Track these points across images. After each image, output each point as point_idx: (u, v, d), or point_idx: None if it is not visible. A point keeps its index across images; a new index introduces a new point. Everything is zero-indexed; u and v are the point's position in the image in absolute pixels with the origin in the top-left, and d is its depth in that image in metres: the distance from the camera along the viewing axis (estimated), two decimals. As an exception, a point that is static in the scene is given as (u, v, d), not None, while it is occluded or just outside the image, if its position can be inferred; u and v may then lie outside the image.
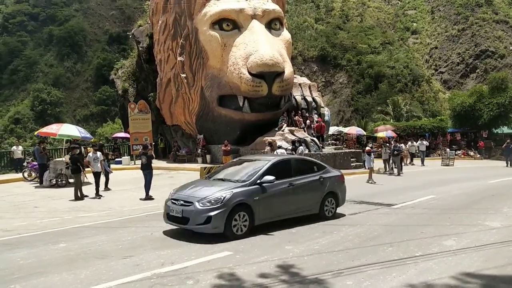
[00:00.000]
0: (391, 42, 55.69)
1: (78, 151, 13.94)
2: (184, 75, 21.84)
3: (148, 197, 12.44)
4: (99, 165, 13.43)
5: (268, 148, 16.81)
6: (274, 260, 6.23)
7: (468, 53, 51.94)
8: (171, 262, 6.22)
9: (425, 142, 27.23)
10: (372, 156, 16.57)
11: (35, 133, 19.54)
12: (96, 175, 13.32)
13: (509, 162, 24.68)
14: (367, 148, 17.14)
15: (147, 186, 12.61)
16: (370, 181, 15.39)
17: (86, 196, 12.95)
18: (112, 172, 16.06)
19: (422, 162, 25.20)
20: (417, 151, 26.70)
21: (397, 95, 43.78)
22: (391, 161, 19.42)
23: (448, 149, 29.10)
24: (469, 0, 56.61)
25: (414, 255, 6.45)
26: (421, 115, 40.49)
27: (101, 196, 13.04)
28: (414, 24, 60.23)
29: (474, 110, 33.24)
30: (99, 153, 13.84)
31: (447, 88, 51.48)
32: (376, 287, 5.13)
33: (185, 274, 5.64)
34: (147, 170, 12.70)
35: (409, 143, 26.18)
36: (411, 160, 25.39)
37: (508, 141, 25.89)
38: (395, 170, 19.06)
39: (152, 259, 6.42)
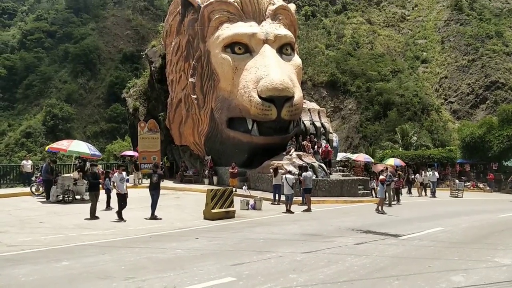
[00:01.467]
0: (401, 70, 56.02)
1: (97, 168, 14.20)
2: (194, 96, 22.07)
3: (154, 217, 12.40)
4: (124, 186, 12.57)
5: (273, 172, 16.76)
6: (277, 289, 6.13)
7: (478, 83, 51.99)
8: (173, 286, 6.15)
9: (436, 173, 25.73)
10: (385, 186, 16.09)
11: (46, 148, 19.74)
12: (121, 197, 12.35)
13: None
14: (381, 177, 16.54)
15: (153, 206, 12.56)
16: (379, 211, 14.99)
17: (97, 218, 12.36)
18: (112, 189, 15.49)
19: (433, 194, 23.78)
20: (428, 181, 25.23)
21: (406, 123, 43.71)
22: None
23: (457, 181, 28.71)
24: (479, 31, 57.05)
25: None
26: (430, 145, 40.27)
27: (124, 220, 12.11)
28: (424, 53, 60.66)
29: (484, 142, 32.99)
30: (124, 173, 13.35)
31: (457, 118, 51.34)
32: None
33: (187, 300, 5.57)
34: (155, 190, 12.68)
35: (424, 172, 25.21)
36: (424, 190, 24.46)
37: None
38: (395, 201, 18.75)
39: (154, 281, 6.36)
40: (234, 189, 15.65)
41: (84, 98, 77.14)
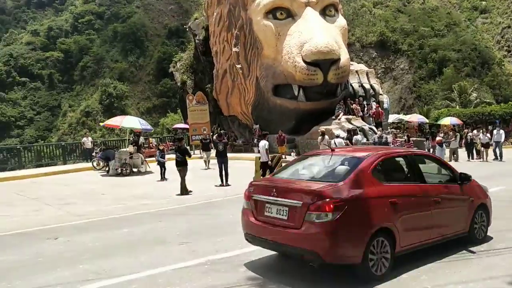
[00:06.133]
0: (457, 24, 52.14)
1: (183, 142, 13.66)
2: (239, 66, 22.06)
3: (227, 184, 12.95)
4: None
5: (320, 137, 16.53)
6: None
7: (547, 31, 47.41)
8: (225, 249, 6.39)
9: (502, 131, 20.19)
10: (444, 147, 15.19)
11: (101, 124, 20.91)
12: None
13: None
14: (438, 138, 15.55)
15: (226, 174, 13.03)
16: None
17: (191, 191, 11.96)
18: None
19: (499, 156, 19.17)
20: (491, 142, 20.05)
21: (464, 80, 41.04)
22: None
23: (522, 137, 26.84)
24: (548, -27, 51.51)
25: (479, 250, 6.08)
26: (492, 101, 37.69)
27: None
28: (484, 2, 55.93)
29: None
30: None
31: (522, 70, 47.44)
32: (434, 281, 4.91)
33: (238, 262, 5.77)
34: (224, 158, 13.12)
35: (475, 132, 20.62)
36: (486, 153, 19.53)
37: None
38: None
39: (207, 246, 6.64)
40: (283, 156, 15.71)
41: (135, 76, 79.72)
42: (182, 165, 11.94)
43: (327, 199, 4.60)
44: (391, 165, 5.72)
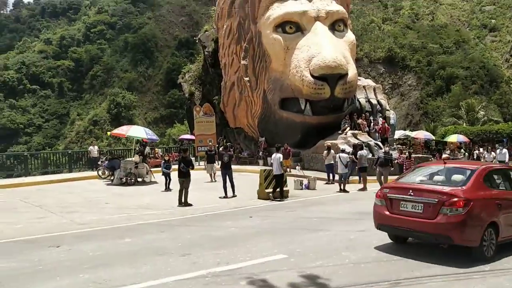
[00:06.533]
0: (466, 41, 52.19)
1: (188, 153, 13.62)
2: (247, 79, 22.17)
3: (234, 195, 13.02)
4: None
5: (325, 152, 16.50)
6: (329, 266, 6.12)
7: (556, 50, 47.26)
8: (227, 262, 6.34)
9: (505, 150, 20.23)
10: None
11: (108, 133, 21.06)
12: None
13: None
14: (445, 155, 15.26)
15: (232, 184, 13.10)
16: None
17: (191, 205, 11.66)
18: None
19: None
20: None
21: (472, 97, 40.88)
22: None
23: (529, 156, 26.52)
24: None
25: (483, 270, 5.99)
26: (499, 119, 37.45)
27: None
28: (493, 20, 55.98)
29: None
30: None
31: (531, 89, 47.18)
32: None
33: (239, 275, 5.72)
34: (229, 170, 13.17)
35: (491, 150, 20.15)
36: None
37: None
38: None
39: (209, 258, 6.60)
40: (287, 169, 15.66)
41: (144, 86, 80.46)
42: (185, 176, 11.91)
43: (459, 198, 6.24)
44: (494, 176, 7.28)
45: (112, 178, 17.24)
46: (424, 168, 7.98)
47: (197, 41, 32.89)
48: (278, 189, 12.77)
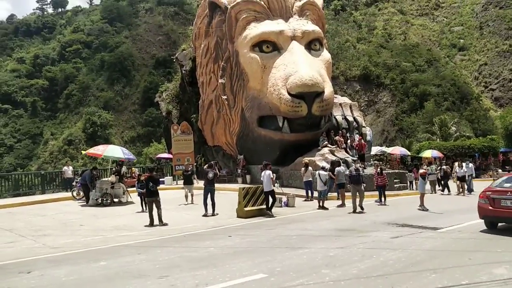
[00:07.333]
0: (437, 60, 54.05)
1: (157, 172, 13.58)
2: (225, 97, 22.22)
3: (213, 214, 12.99)
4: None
5: (303, 169, 16.58)
6: (309, 284, 6.06)
7: (521, 68, 49.36)
8: (206, 283, 6.21)
9: (471, 165, 20.73)
10: (427, 179, 15.30)
11: (83, 152, 20.59)
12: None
13: None
14: (422, 170, 15.60)
15: (213, 202, 13.09)
16: (421, 208, 13.79)
17: (166, 224, 11.60)
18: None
19: (468, 189, 19.24)
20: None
21: (444, 114, 42.13)
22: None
23: (500, 170, 27.40)
24: (521, 14, 54.16)
25: (460, 283, 6.05)
26: (471, 135, 38.61)
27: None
28: (462, 40, 58.25)
29: (529, 129, 31.29)
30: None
31: (499, 105, 48.98)
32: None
33: (218, 296, 5.60)
34: (212, 187, 13.24)
35: (461, 164, 19.79)
36: (462, 186, 19.11)
37: None
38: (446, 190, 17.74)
39: (187, 279, 6.45)
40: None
41: (120, 105, 79.58)
42: (155, 196, 11.76)
43: None
44: None
45: (83, 196, 16.81)
46: (506, 177, 10.57)
47: (174, 60, 32.90)
48: (270, 204, 12.95)
